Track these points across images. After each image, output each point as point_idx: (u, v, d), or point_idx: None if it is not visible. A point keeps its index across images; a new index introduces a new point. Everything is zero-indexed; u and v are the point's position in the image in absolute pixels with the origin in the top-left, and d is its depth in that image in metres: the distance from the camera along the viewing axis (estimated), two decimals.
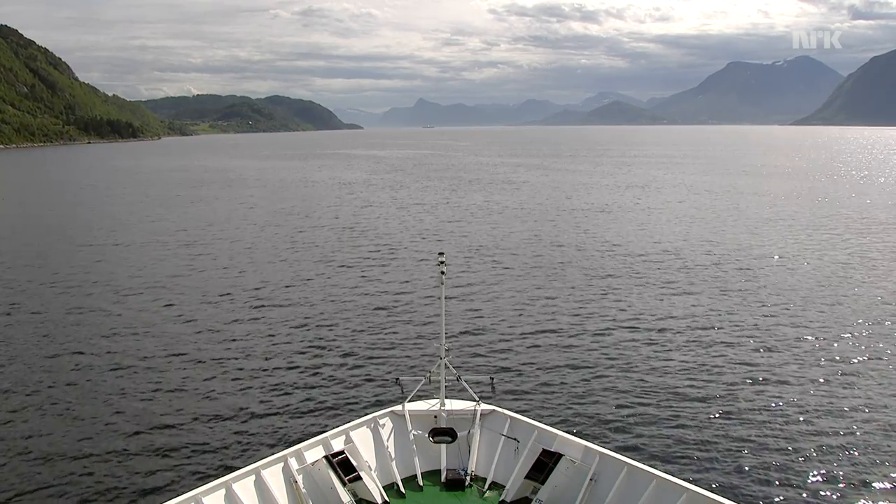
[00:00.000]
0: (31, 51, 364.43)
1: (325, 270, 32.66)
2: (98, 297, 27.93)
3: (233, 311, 25.52)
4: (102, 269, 33.83)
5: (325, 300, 26.99)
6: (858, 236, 40.69)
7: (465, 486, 9.78)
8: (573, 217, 49.82)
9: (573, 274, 31.16)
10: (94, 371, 19.31)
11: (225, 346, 21.38)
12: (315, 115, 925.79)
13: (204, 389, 17.88)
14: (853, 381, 17.84)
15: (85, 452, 14.44)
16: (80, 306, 26.42)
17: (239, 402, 16.93)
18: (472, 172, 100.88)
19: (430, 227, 45.67)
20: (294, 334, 22.57)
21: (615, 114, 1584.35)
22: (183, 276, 31.75)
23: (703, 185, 76.13)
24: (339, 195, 69.08)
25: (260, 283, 30.18)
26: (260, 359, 20.16)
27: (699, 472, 13.16)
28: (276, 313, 25.11)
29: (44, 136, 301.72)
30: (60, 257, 37.01)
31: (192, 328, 23.48)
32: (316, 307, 25.91)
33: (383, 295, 27.56)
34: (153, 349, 21.21)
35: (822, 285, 28.37)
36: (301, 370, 19.11)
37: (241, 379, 18.54)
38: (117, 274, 32.43)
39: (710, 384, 17.71)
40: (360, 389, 17.58)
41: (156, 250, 38.57)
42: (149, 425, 15.70)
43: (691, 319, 23.63)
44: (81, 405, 16.91)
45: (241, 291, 28.59)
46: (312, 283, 29.94)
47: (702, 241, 38.94)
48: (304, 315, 24.80)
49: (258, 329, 23.22)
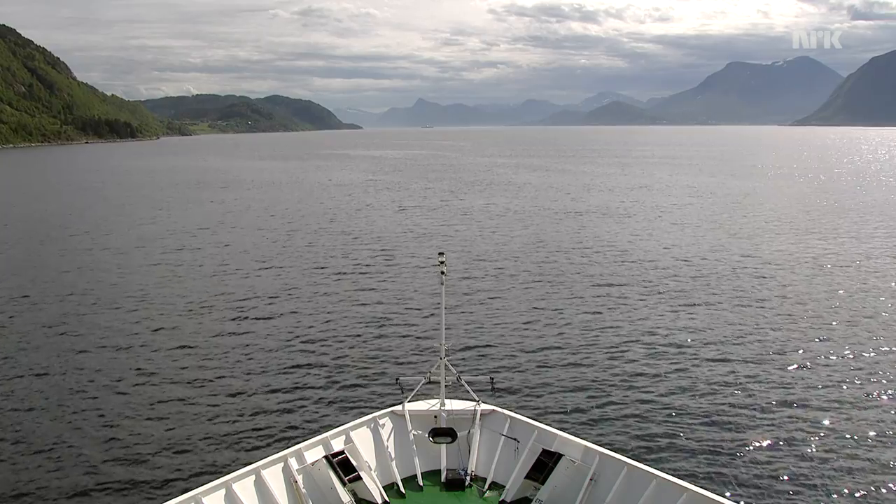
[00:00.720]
0: (29, 50, 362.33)
1: (324, 271, 32.64)
2: (107, 285, 27.96)
3: (232, 312, 25.51)
4: (127, 263, 33.86)
5: (324, 300, 26.98)
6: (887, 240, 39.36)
7: (465, 486, 9.77)
8: (576, 220, 49.55)
9: (574, 274, 31.16)
10: (94, 370, 19.31)
11: (224, 347, 21.38)
12: (314, 114, 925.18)
13: (203, 389, 17.88)
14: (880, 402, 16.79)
15: (85, 452, 14.45)
16: (96, 297, 26.42)
17: (239, 402, 16.93)
18: (472, 174, 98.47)
19: (429, 230, 44.68)
20: (294, 334, 22.56)
21: (615, 114, 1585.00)
22: (181, 276, 31.76)
23: (713, 187, 73.99)
24: (334, 196, 68.12)
25: (259, 283, 30.20)
26: (259, 359, 20.15)
27: (699, 472, 13.18)
28: (276, 314, 25.10)
29: (42, 135, 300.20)
30: (42, 259, 36.90)
31: (192, 328, 23.48)
32: (316, 307, 25.91)
33: (383, 295, 27.56)
34: (152, 349, 21.23)
35: (848, 293, 26.93)
36: (301, 370, 19.11)
37: (241, 379, 18.54)
38: (123, 269, 32.47)
39: (712, 385, 17.72)
40: (360, 389, 17.59)
41: (155, 249, 38.59)
42: (148, 425, 15.71)
43: (692, 319, 23.66)
44: (82, 405, 16.91)
45: (240, 292, 28.59)
46: (312, 284, 29.93)
47: (713, 247, 37.82)
48: (305, 315, 24.80)
49: (258, 329, 23.21)
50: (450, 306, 18.68)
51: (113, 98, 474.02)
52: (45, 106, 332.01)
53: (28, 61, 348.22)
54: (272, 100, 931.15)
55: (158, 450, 14.50)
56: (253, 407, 16.62)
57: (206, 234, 44.22)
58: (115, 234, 44.75)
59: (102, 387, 18.11)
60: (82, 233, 45.86)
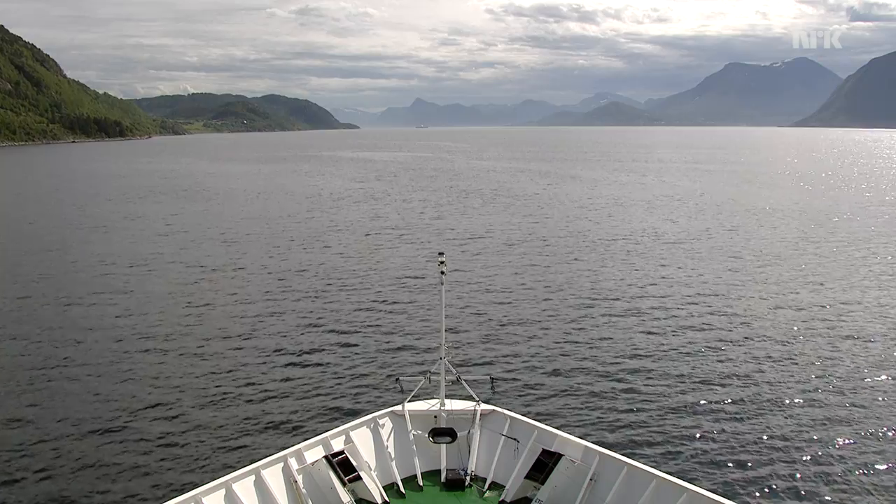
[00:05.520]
0: (17, 47, 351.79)
1: (324, 271, 32.61)
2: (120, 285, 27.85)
3: (232, 313, 25.50)
4: None
5: (324, 301, 26.96)
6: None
7: (465, 486, 9.77)
8: (581, 223, 49.51)
9: (575, 275, 31.18)
10: (94, 370, 19.29)
11: (224, 347, 21.37)
12: (311, 114, 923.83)
13: (204, 390, 17.86)
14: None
15: (84, 453, 14.43)
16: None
17: (239, 403, 16.92)
18: (470, 181, 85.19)
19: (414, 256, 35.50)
20: (294, 335, 22.55)
21: (613, 114, 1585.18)
22: (183, 272, 31.73)
23: (757, 200, 60.93)
24: (309, 208, 57.53)
25: (259, 284, 30.18)
26: (260, 359, 20.14)
27: (699, 472, 13.20)
28: (276, 314, 25.08)
29: (26, 134, 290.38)
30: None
31: (191, 329, 23.44)
32: (316, 308, 25.90)
33: (383, 295, 27.54)
34: (152, 349, 21.22)
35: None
36: (301, 370, 19.11)
37: (241, 379, 18.52)
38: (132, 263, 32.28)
39: (714, 387, 17.77)
40: (360, 389, 17.59)
41: (154, 245, 38.53)
42: (148, 425, 15.69)
43: (696, 319, 23.70)
44: (81, 405, 16.89)
45: (240, 292, 28.59)
46: (312, 284, 29.90)
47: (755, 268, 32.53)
48: (305, 315, 24.80)
49: (258, 330, 23.20)
50: (450, 306, 18.66)
51: (105, 96, 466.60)
52: (32, 104, 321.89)
53: (15, 58, 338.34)
54: (269, 99, 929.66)
55: (158, 450, 14.49)
56: (253, 407, 16.60)
57: (206, 236, 44.11)
58: None
59: (103, 387, 18.09)
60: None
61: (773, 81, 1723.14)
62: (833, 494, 12.65)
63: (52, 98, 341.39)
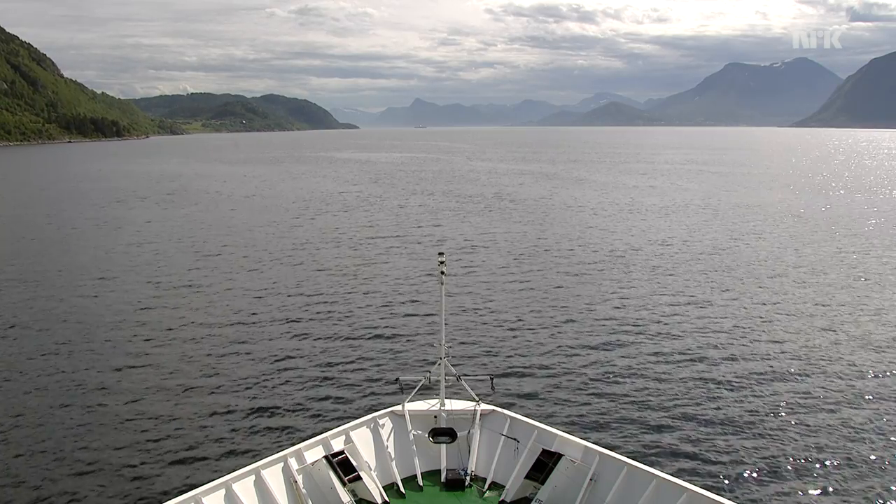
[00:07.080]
0: (14, 46, 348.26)
1: (324, 271, 32.61)
2: None
3: (232, 313, 25.48)
4: None
5: (324, 301, 26.96)
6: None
7: (464, 486, 9.78)
8: (581, 225, 49.39)
9: (575, 276, 31.18)
10: (93, 369, 19.28)
11: (224, 348, 21.36)
12: (311, 114, 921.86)
13: (204, 390, 17.86)
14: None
15: (84, 453, 14.43)
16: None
17: (239, 403, 16.91)
18: (471, 184, 79.72)
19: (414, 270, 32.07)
20: (294, 335, 22.54)
21: (612, 115, 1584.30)
22: (179, 275, 31.74)
23: (785, 208, 56.33)
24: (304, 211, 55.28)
25: (259, 285, 30.17)
26: (259, 359, 20.13)
27: (699, 471, 13.20)
28: (275, 315, 25.07)
29: (21, 134, 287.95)
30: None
31: (190, 330, 23.43)
32: (316, 308, 25.88)
33: (383, 295, 27.54)
34: (151, 348, 21.20)
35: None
36: (301, 370, 19.09)
37: (241, 379, 18.51)
38: None
39: (716, 388, 17.75)
40: (360, 389, 17.58)
41: (158, 252, 38.51)
42: (148, 426, 15.69)
43: (697, 320, 23.71)
44: (81, 405, 16.88)
45: (240, 293, 28.58)
46: (312, 285, 29.90)
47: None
48: (304, 316, 24.78)
49: (257, 330, 23.19)
50: (450, 306, 18.64)
51: (103, 96, 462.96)
52: (28, 104, 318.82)
53: (11, 57, 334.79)
54: (268, 99, 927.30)
55: (159, 450, 14.48)
56: (253, 407, 16.59)
57: (205, 236, 44.12)
58: None
59: (103, 387, 18.09)
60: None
61: (772, 81, 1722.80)
62: (833, 494, 12.66)
63: (48, 97, 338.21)
